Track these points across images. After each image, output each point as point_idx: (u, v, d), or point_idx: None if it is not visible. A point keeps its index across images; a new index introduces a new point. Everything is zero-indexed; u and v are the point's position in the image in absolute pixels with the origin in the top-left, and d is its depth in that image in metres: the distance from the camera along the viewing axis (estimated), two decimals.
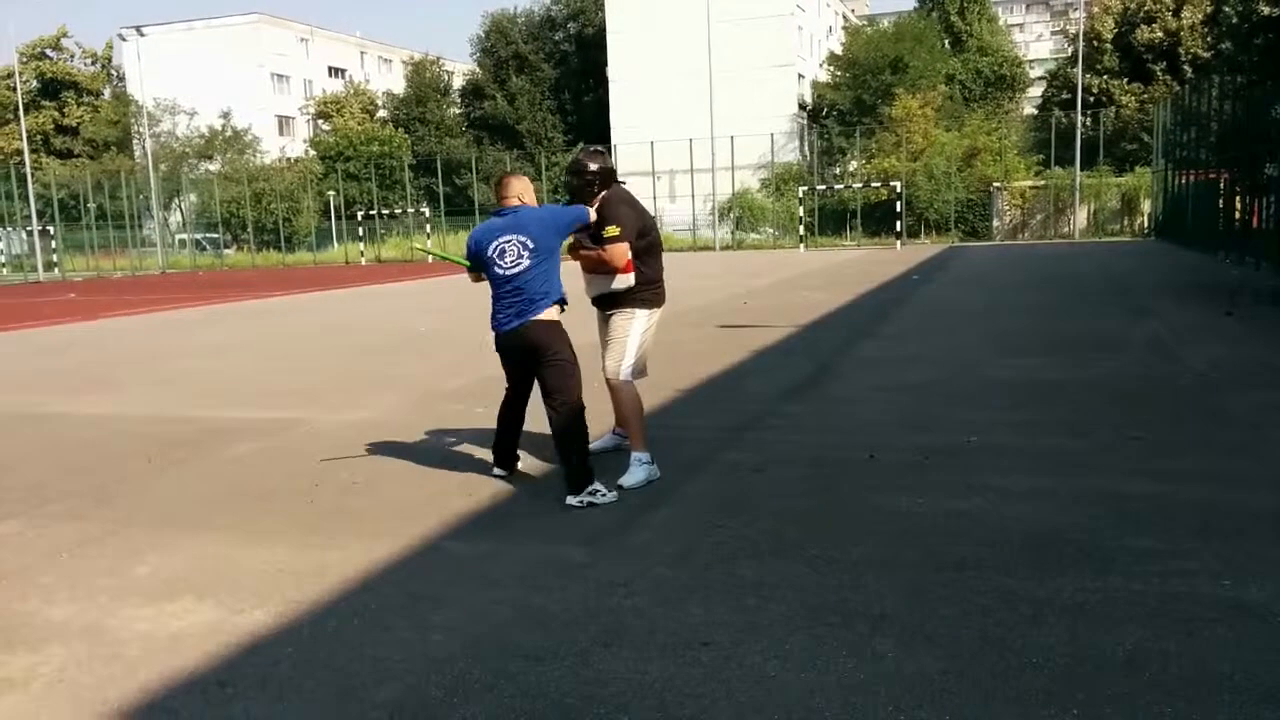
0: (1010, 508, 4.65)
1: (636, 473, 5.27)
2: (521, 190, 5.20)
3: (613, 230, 5.27)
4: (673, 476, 5.37)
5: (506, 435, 5.52)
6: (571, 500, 4.91)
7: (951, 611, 3.48)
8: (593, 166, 5.40)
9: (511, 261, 5.02)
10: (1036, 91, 58.60)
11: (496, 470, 5.57)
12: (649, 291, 5.50)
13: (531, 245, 5.01)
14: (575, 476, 4.98)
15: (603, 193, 5.41)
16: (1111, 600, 3.54)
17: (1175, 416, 6.60)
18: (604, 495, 4.94)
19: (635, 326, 5.47)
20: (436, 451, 6.26)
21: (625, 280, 5.38)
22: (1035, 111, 55.31)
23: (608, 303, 5.50)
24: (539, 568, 4.09)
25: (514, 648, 3.34)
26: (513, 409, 5.47)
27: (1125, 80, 48.40)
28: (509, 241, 5.03)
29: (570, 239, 5.45)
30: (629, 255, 5.32)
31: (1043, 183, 42.93)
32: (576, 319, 6.63)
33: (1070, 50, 54.01)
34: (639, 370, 5.54)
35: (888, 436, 6.18)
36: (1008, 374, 8.32)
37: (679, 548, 4.27)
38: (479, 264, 5.20)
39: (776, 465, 5.61)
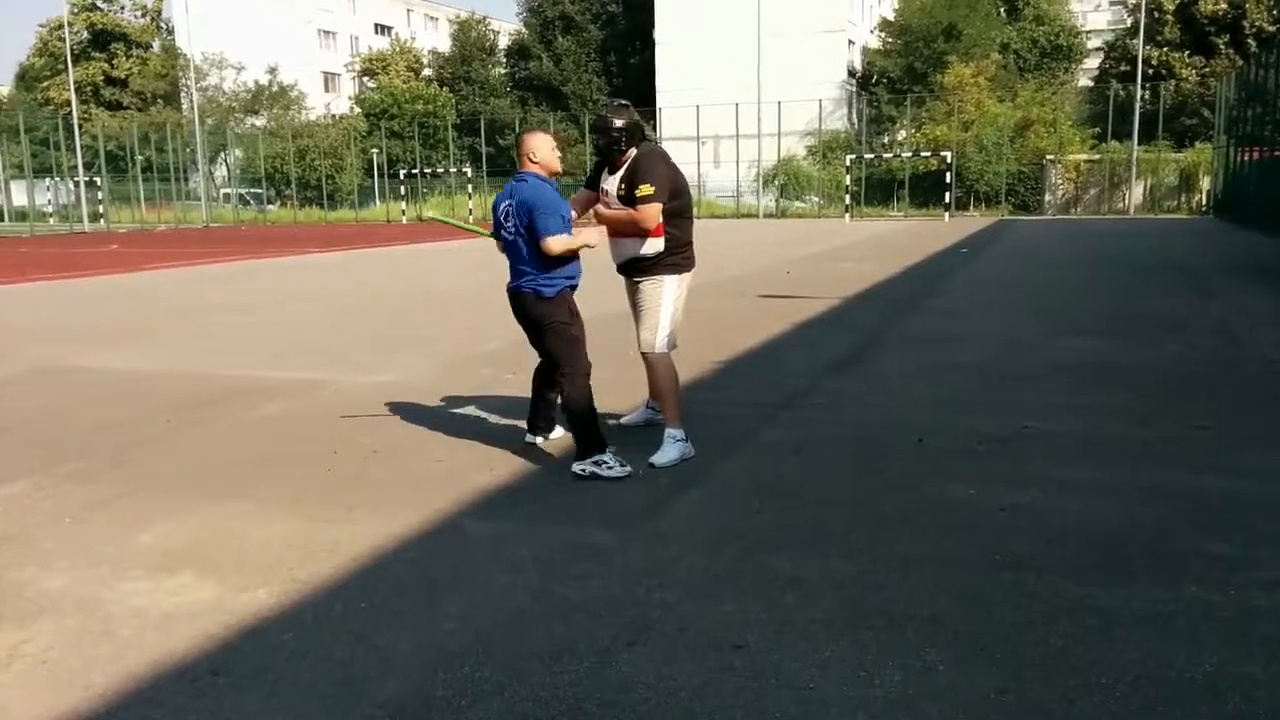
0: (1072, 502, 4.30)
1: (669, 450, 4.97)
2: (532, 148, 4.89)
3: (646, 189, 4.87)
4: (707, 456, 5.07)
5: (536, 400, 5.36)
6: (575, 467, 4.77)
7: (1010, 619, 3.17)
8: (618, 123, 4.94)
9: (512, 228, 4.88)
10: (1093, 63, 56.98)
11: (528, 436, 5.38)
12: (679, 256, 5.13)
13: (522, 215, 4.83)
14: (581, 443, 4.83)
15: (631, 150, 5.01)
16: (1187, 613, 3.21)
17: (1245, 405, 6.20)
18: (609, 467, 4.72)
19: (667, 294, 5.11)
20: (462, 419, 6.01)
21: (655, 245, 5.01)
22: (1091, 83, 53.84)
23: (635, 269, 5.13)
24: (561, 552, 3.83)
25: (530, 642, 3.08)
26: (542, 373, 5.28)
27: (1186, 53, 46.86)
28: (510, 206, 4.89)
29: (592, 207, 5.19)
30: (660, 218, 4.96)
31: (1098, 156, 41.75)
32: (599, 287, 6.36)
33: (1129, 21, 52.35)
34: (674, 341, 5.22)
35: (937, 419, 5.84)
36: (1063, 355, 7.91)
37: (712, 534, 3.99)
38: (496, 228, 5.05)
39: (818, 446, 5.30)
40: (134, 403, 6.68)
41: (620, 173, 5.01)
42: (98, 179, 45.21)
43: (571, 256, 4.89)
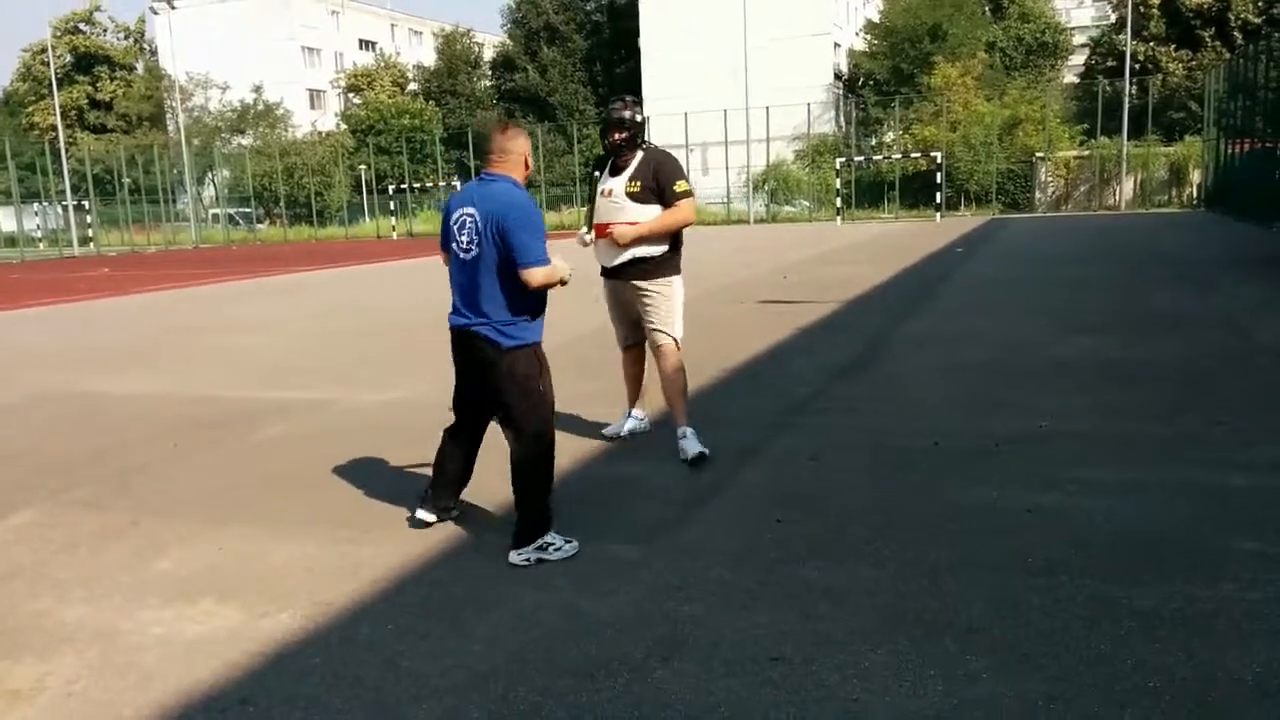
0: (1097, 502, 4.26)
1: (696, 441, 5.11)
2: (525, 148, 4.04)
3: (684, 185, 5.01)
4: (724, 465, 5.03)
5: (449, 470, 4.28)
6: (517, 556, 3.83)
7: (1049, 624, 3.13)
8: (638, 118, 5.04)
9: (470, 244, 3.91)
10: (1078, 60, 57.20)
11: (422, 512, 4.27)
12: (678, 255, 5.19)
13: (480, 228, 3.88)
14: (529, 522, 3.90)
15: (639, 151, 5.05)
16: (1227, 612, 3.17)
17: (1258, 399, 6.16)
18: (557, 548, 3.87)
19: (678, 293, 5.17)
20: None
21: (661, 245, 5.05)
22: (1077, 80, 54.04)
23: (638, 272, 5.07)
24: (586, 567, 3.77)
25: (562, 661, 3.03)
26: (467, 437, 4.27)
27: (1172, 47, 47.08)
28: (468, 216, 3.92)
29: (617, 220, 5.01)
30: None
31: (1087, 152, 41.88)
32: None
33: (1114, 17, 52.59)
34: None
35: (951, 421, 5.80)
36: (1071, 352, 7.89)
37: (737, 546, 3.93)
38: (445, 239, 4.11)
39: (834, 453, 5.25)
40: (138, 427, 6.61)
41: (629, 171, 5.02)
42: (86, 203, 45.03)
43: (544, 293, 3.99)
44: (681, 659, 3.01)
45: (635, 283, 5.12)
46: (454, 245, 3.99)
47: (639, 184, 4.95)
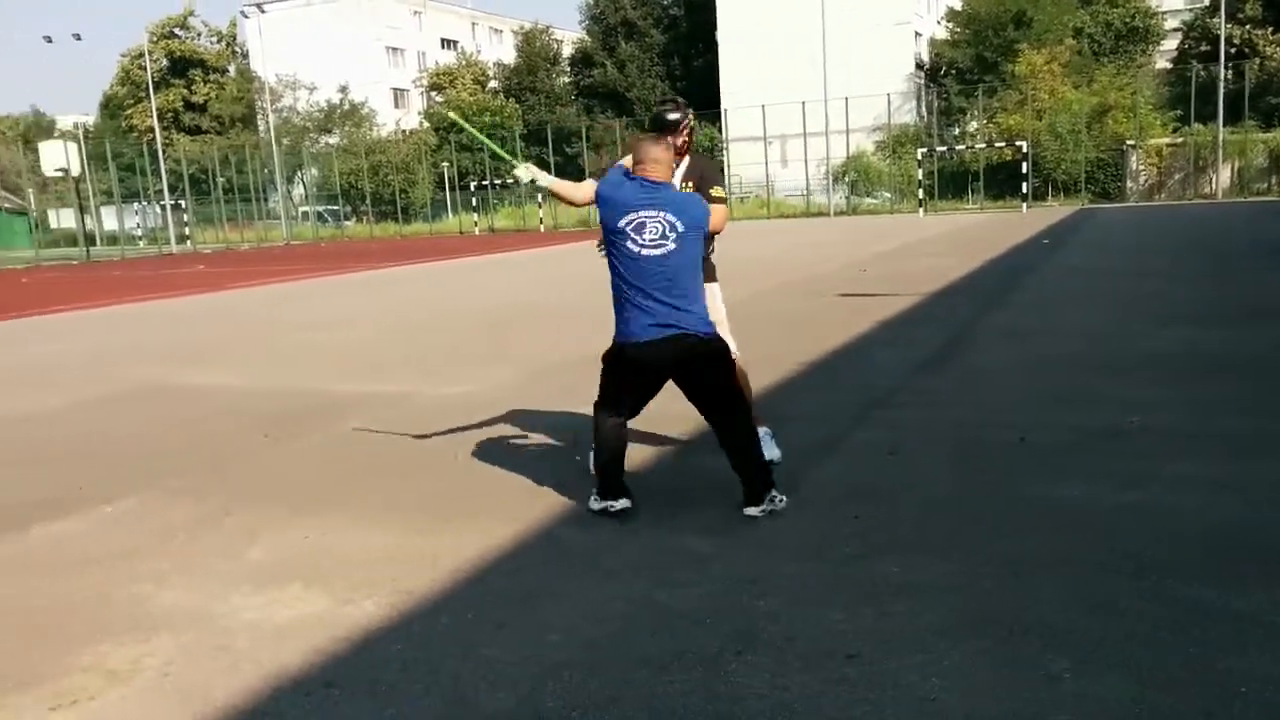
0: (1189, 500, 4.13)
1: (771, 445, 4.94)
2: (656, 157, 4.19)
3: (721, 192, 4.84)
4: (800, 459, 4.99)
5: (615, 451, 4.35)
6: (755, 510, 4.16)
7: (1136, 626, 3.04)
8: (689, 121, 4.85)
9: (664, 238, 4.00)
10: (1170, 44, 55.33)
11: (619, 503, 4.28)
12: (712, 260, 5.00)
13: (681, 229, 4.04)
14: (764, 482, 4.20)
15: (687, 155, 4.89)
16: None
17: None
18: (781, 499, 4.19)
19: (719, 299, 4.98)
20: (547, 429, 6.01)
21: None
22: (1170, 65, 52.28)
23: None
24: (659, 559, 3.79)
25: (636, 652, 3.04)
26: (619, 418, 4.35)
27: (1270, 29, 45.21)
28: (653, 218, 4.02)
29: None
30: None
31: (1180, 140, 40.52)
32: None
33: (1208, 0, 50.76)
34: None
35: (1037, 415, 5.68)
36: (1163, 346, 7.65)
37: (811, 540, 3.91)
38: (604, 231, 4.18)
39: (914, 447, 5.18)
40: (231, 419, 6.82)
41: (680, 172, 4.84)
42: (182, 202, 46.67)
43: None
44: (755, 653, 3.01)
45: None
46: (630, 245, 4.03)
47: (691, 185, 4.83)
